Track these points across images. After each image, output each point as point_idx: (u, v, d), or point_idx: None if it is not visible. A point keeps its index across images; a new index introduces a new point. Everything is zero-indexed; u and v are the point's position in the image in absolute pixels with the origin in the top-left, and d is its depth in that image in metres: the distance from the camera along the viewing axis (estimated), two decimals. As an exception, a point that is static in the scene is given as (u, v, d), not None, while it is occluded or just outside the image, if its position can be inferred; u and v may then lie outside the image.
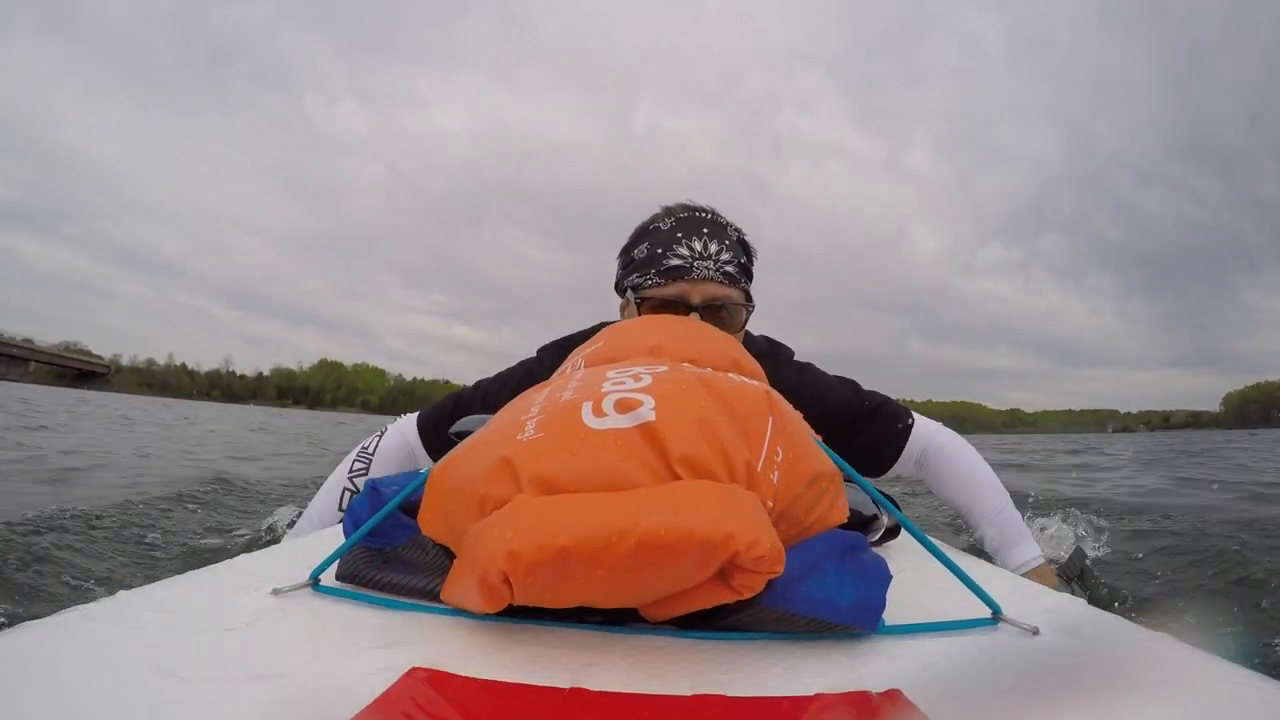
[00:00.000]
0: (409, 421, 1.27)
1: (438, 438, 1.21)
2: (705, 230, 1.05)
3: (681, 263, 1.03)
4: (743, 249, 1.09)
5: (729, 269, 1.04)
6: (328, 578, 0.51)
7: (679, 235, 1.04)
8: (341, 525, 0.57)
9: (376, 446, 1.25)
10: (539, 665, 0.39)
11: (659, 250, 1.04)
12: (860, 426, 1.18)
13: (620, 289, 1.12)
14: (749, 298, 1.09)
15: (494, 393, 1.18)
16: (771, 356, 1.20)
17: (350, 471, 1.22)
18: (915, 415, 1.21)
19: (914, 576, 0.60)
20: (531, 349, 1.25)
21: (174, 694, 0.33)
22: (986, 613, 0.47)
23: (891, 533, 0.77)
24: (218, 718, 0.31)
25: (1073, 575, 1.18)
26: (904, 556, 0.69)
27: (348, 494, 1.18)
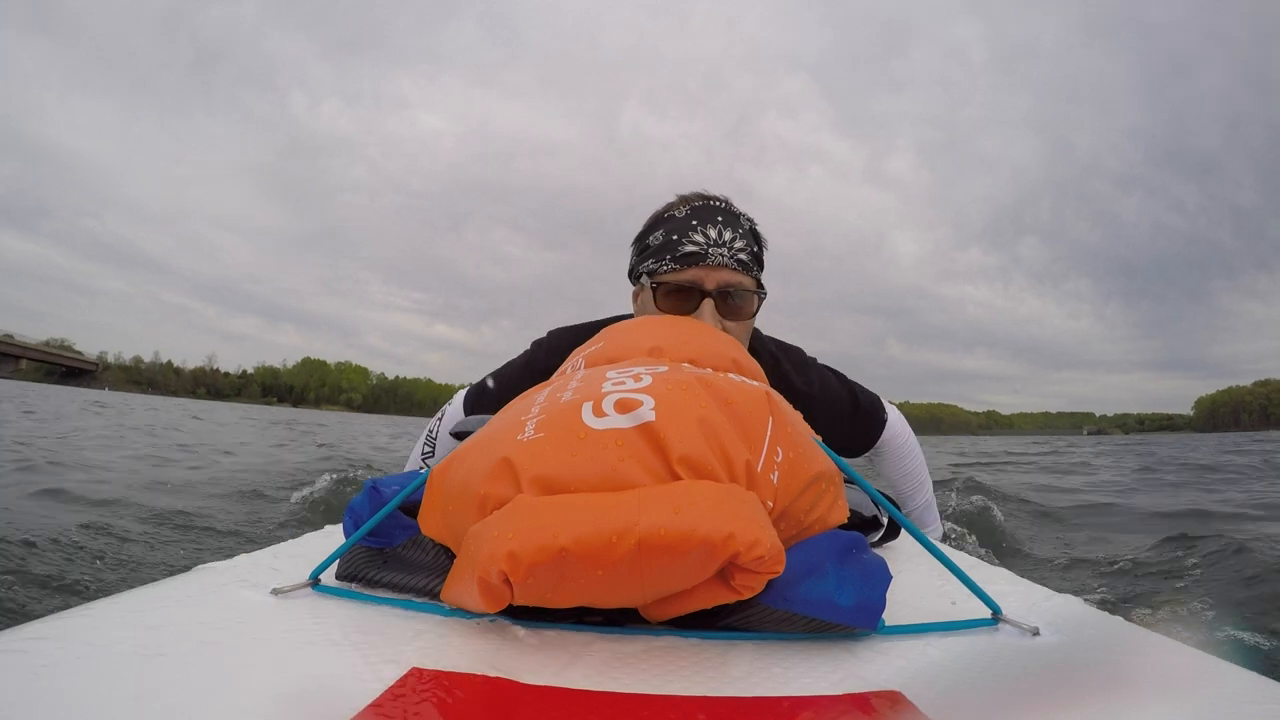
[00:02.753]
0: (459, 399, 1.32)
1: (479, 412, 1.26)
2: (720, 218, 1.07)
3: (696, 249, 1.04)
4: (755, 238, 1.11)
5: (742, 256, 1.06)
6: (328, 578, 0.51)
7: (694, 223, 1.06)
8: (341, 525, 0.58)
9: (439, 429, 1.30)
10: (539, 665, 0.39)
11: (674, 237, 1.06)
12: (852, 423, 1.29)
13: (635, 276, 1.13)
14: (760, 285, 1.11)
15: (512, 381, 1.22)
16: (790, 361, 1.25)
17: (423, 455, 1.29)
18: (886, 407, 1.36)
19: (914, 577, 0.60)
20: (512, 349, 1.28)
21: (174, 693, 0.33)
22: (986, 613, 0.47)
23: (891, 533, 0.77)
24: (218, 717, 0.31)
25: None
26: (904, 557, 0.69)
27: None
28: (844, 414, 1.28)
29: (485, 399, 1.25)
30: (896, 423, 1.36)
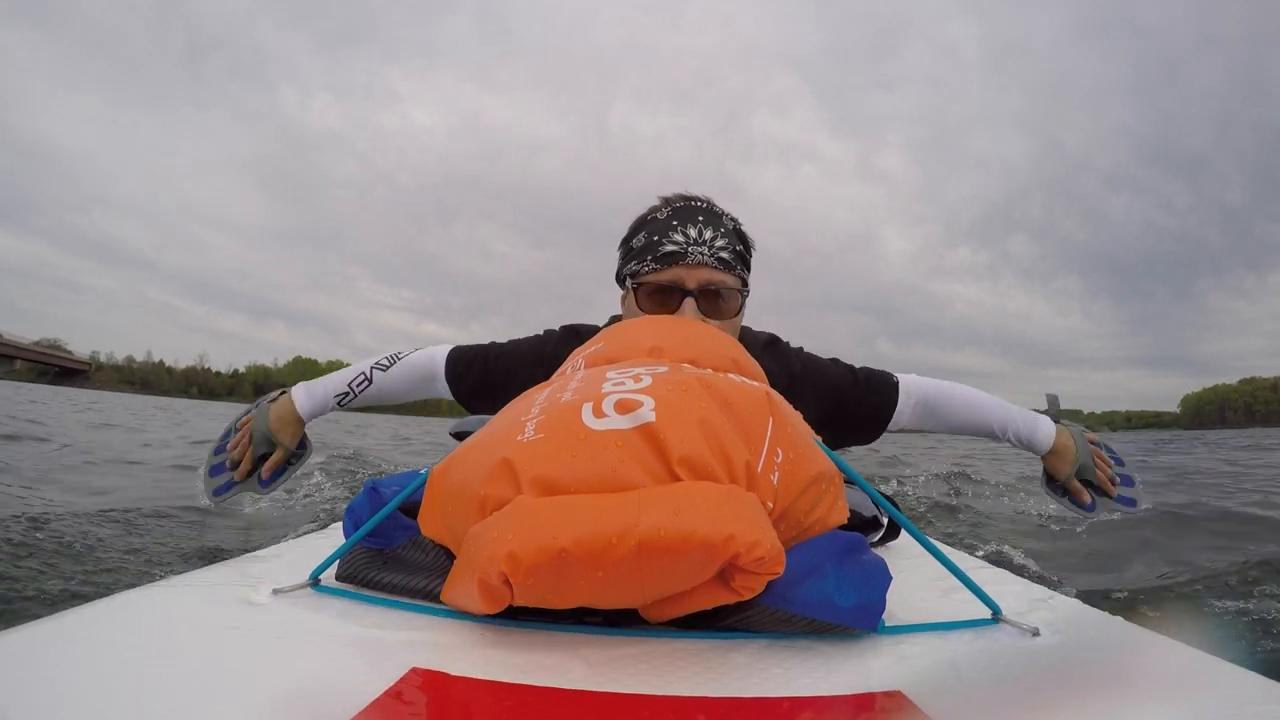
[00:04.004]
0: (442, 351, 1.31)
1: (462, 374, 1.26)
2: (701, 218, 1.08)
3: (677, 249, 1.05)
4: (739, 237, 1.12)
5: (724, 255, 1.06)
6: (328, 578, 0.51)
7: (675, 223, 1.07)
8: (341, 525, 0.58)
9: (408, 356, 1.29)
10: (539, 666, 0.39)
11: (655, 238, 1.07)
12: (857, 396, 1.26)
13: (620, 279, 1.13)
14: (745, 284, 1.11)
15: (520, 366, 1.19)
16: (772, 348, 1.23)
17: (374, 364, 1.27)
18: (899, 374, 1.31)
19: (914, 577, 0.60)
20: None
21: (174, 694, 0.33)
22: (986, 613, 0.47)
23: (891, 533, 0.77)
24: (218, 717, 0.31)
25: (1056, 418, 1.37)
26: (904, 557, 0.69)
27: (361, 376, 1.24)
28: (837, 382, 1.25)
29: (474, 372, 1.23)
30: (920, 380, 1.29)
